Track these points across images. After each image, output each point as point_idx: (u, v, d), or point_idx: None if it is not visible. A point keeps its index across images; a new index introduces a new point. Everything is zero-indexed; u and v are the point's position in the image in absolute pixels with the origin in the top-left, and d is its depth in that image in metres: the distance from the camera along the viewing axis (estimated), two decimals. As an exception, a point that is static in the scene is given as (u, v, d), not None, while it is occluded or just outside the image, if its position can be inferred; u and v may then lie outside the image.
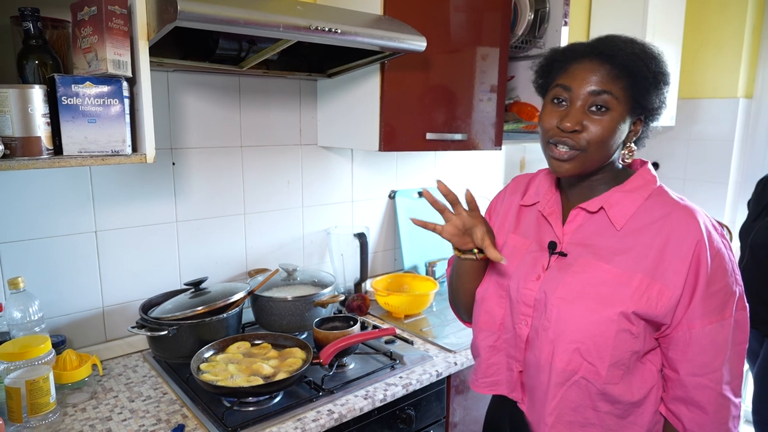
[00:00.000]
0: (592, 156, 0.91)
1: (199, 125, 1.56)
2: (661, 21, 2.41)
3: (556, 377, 0.93)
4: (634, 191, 0.94)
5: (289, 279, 1.60)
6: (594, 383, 0.91)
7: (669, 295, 0.87)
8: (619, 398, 0.91)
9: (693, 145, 2.89)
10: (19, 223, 1.30)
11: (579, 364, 0.91)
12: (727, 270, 0.88)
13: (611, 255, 0.91)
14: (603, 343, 0.89)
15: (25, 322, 1.21)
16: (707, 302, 0.87)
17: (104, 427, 1.14)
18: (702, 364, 0.88)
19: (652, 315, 0.88)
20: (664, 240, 0.88)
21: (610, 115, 0.88)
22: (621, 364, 0.90)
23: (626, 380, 0.91)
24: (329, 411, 1.20)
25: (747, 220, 2.04)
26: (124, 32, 1.06)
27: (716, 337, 0.87)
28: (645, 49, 0.91)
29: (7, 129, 0.99)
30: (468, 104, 1.73)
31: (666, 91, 0.92)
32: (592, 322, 0.89)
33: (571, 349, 0.91)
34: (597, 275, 0.91)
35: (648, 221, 0.91)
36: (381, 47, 1.32)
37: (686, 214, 0.89)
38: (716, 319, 0.87)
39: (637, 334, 0.89)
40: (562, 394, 0.93)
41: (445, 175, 2.26)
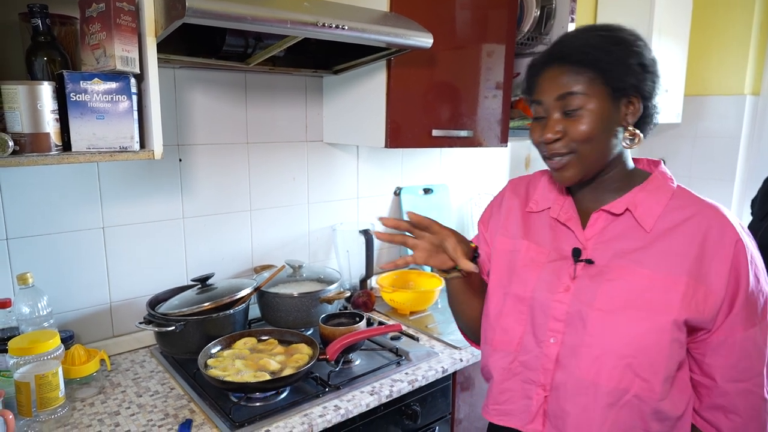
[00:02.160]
0: (586, 155, 0.87)
1: (206, 122, 1.57)
2: (667, 17, 2.40)
3: (604, 398, 0.84)
4: (658, 191, 0.89)
5: (295, 275, 1.61)
6: (647, 401, 0.83)
7: (714, 299, 0.82)
8: (668, 414, 0.85)
9: (699, 143, 2.87)
10: (28, 219, 1.31)
11: (631, 381, 0.83)
12: (761, 273, 0.86)
13: (647, 258, 0.85)
14: (657, 355, 0.82)
15: (34, 317, 1.22)
16: (749, 305, 0.83)
17: (112, 421, 1.14)
18: (746, 369, 0.85)
19: (701, 321, 0.83)
20: (701, 241, 0.84)
21: (584, 112, 0.85)
22: (669, 377, 0.84)
23: (671, 395, 0.85)
24: (336, 406, 1.21)
25: (754, 219, 2.02)
26: (132, 29, 1.07)
27: (758, 340, 0.84)
28: (600, 34, 0.87)
29: (16, 125, 1.00)
30: (474, 101, 1.73)
31: (638, 62, 0.85)
32: (642, 333, 0.83)
33: (621, 365, 0.83)
34: (638, 281, 0.85)
35: (678, 221, 0.86)
36: (388, 44, 1.32)
37: (717, 214, 0.85)
38: (757, 321, 0.84)
39: (683, 342, 0.85)
40: (613, 418, 0.84)
41: (450, 172, 2.26)
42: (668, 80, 2.51)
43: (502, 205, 1.07)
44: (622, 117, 0.87)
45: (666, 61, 2.47)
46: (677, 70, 2.59)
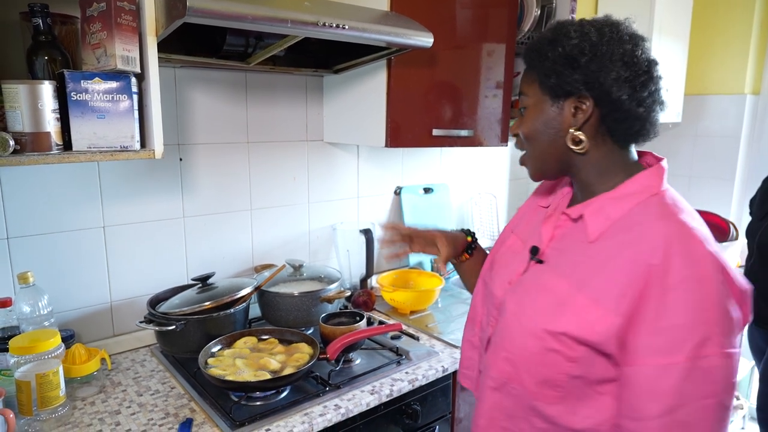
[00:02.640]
0: (533, 155, 0.91)
1: (206, 121, 1.57)
2: (668, 17, 2.40)
3: (490, 381, 0.92)
4: (623, 198, 0.83)
5: (295, 274, 1.61)
6: (522, 397, 0.87)
7: (609, 322, 0.76)
8: (555, 420, 0.84)
9: (699, 142, 2.87)
10: (29, 219, 1.31)
11: (510, 374, 0.88)
12: (691, 305, 0.73)
13: (569, 268, 0.84)
14: (528, 358, 0.85)
15: (34, 316, 1.22)
16: (651, 338, 0.74)
17: (113, 420, 1.15)
18: (635, 408, 0.76)
19: (586, 341, 0.78)
20: (622, 257, 0.78)
21: (529, 111, 0.89)
22: (555, 385, 0.82)
23: (569, 405, 0.83)
24: (336, 406, 1.21)
25: (753, 219, 2.02)
26: (132, 28, 1.07)
27: (657, 380, 0.74)
28: (543, 35, 0.87)
29: (17, 124, 1.00)
30: (474, 100, 1.73)
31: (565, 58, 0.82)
32: (521, 335, 0.86)
33: (503, 356, 0.89)
34: (549, 288, 0.85)
35: (618, 234, 0.81)
36: (388, 43, 1.32)
37: (657, 232, 0.77)
38: (661, 360, 0.73)
39: (574, 358, 0.80)
40: (495, 400, 0.91)
41: (450, 171, 2.26)
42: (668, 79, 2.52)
43: (525, 205, 1.10)
44: (566, 119, 0.84)
45: (666, 60, 2.47)
46: (677, 70, 2.59)
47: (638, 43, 0.83)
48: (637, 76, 0.81)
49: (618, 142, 0.86)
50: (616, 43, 0.81)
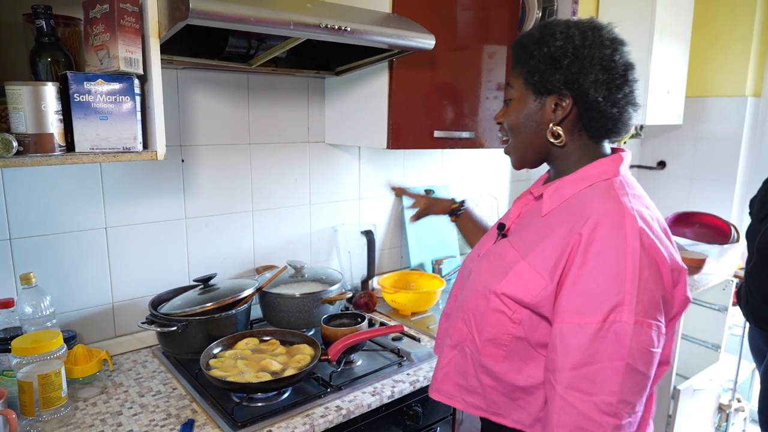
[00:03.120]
0: (515, 144, 0.99)
1: (208, 122, 1.57)
2: (669, 19, 2.41)
3: (449, 340, 1.02)
4: (578, 181, 0.92)
5: (296, 276, 1.61)
6: (473, 354, 0.97)
7: (542, 285, 0.86)
8: (500, 377, 0.94)
9: (700, 144, 2.88)
10: (31, 219, 1.31)
11: (464, 334, 0.98)
12: (610, 272, 0.80)
13: (522, 239, 0.95)
14: (479, 318, 0.95)
15: (36, 317, 1.22)
16: (569, 299, 0.83)
17: (115, 421, 1.15)
18: (552, 360, 0.85)
19: (523, 302, 0.88)
20: (560, 230, 0.87)
21: (512, 104, 0.97)
22: (500, 344, 0.92)
23: (513, 364, 0.92)
24: (337, 407, 1.21)
25: (753, 221, 2.02)
26: (135, 30, 1.07)
27: (569, 337, 0.82)
28: (531, 32, 0.94)
29: (20, 126, 1.00)
30: (475, 102, 1.73)
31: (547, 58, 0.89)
32: (474, 297, 0.96)
33: (460, 317, 0.99)
34: (503, 256, 0.96)
35: (565, 210, 0.90)
36: (390, 45, 1.32)
37: (594, 207, 0.86)
38: (576, 319, 0.82)
39: (516, 320, 0.90)
40: (452, 356, 1.01)
41: (451, 173, 2.27)
42: (669, 81, 2.52)
43: None
44: (547, 114, 0.93)
45: (667, 63, 2.48)
46: (678, 72, 2.59)
47: (617, 48, 0.90)
48: (613, 80, 0.89)
49: (592, 137, 0.94)
50: (597, 47, 0.88)
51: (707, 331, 2.52)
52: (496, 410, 0.97)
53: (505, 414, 0.96)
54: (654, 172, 3.08)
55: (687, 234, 2.60)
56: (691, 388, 2.31)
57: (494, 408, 0.97)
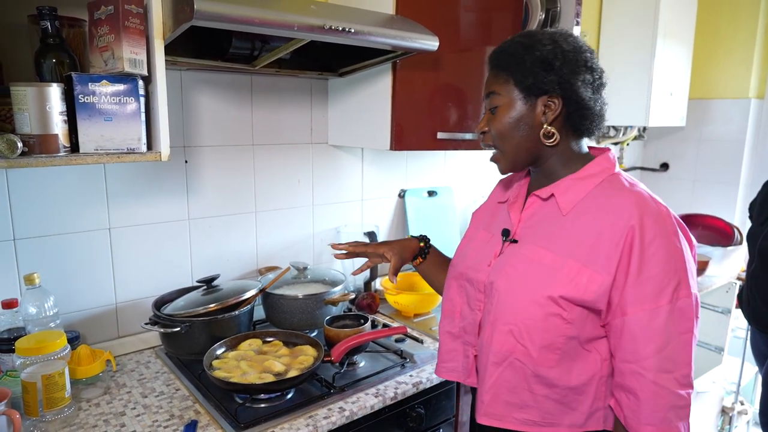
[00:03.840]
0: (506, 150, 1.00)
1: (212, 123, 1.57)
2: (672, 21, 2.41)
3: (492, 357, 0.98)
4: (587, 178, 0.97)
5: (299, 277, 1.61)
6: (526, 364, 0.94)
7: (600, 281, 0.89)
8: (555, 382, 0.94)
9: (703, 146, 2.87)
10: (35, 220, 1.32)
11: (513, 346, 0.95)
12: (664, 257, 0.87)
13: (551, 240, 0.95)
14: (533, 325, 0.93)
15: (40, 317, 1.23)
16: (638, 288, 0.87)
17: (118, 422, 1.15)
18: (633, 351, 0.88)
19: (582, 300, 0.90)
20: (601, 225, 0.91)
21: (501, 110, 0.98)
22: (555, 348, 0.93)
23: (564, 365, 0.94)
24: (340, 408, 1.21)
25: (754, 224, 2.02)
26: (140, 31, 1.07)
27: (648, 323, 0.87)
28: (519, 40, 0.97)
29: (25, 126, 1.01)
30: (479, 104, 1.73)
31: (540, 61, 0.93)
32: (523, 305, 0.94)
33: (505, 330, 0.96)
34: (536, 260, 0.95)
35: (591, 207, 0.94)
36: (394, 47, 1.32)
37: (626, 200, 0.91)
38: (648, 306, 0.87)
39: (570, 320, 0.91)
40: (498, 374, 0.98)
41: (454, 174, 2.27)
42: (672, 83, 2.52)
43: (489, 201, 1.22)
44: (538, 116, 0.96)
45: (670, 64, 2.48)
46: (682, 74, 2.59)
47: (592, 53, 0.97)
48: (595, 80, 0.96)
49: (578, 135, 1.00)
50: (580, 51, 0.95)
51: (710, 333, 2.51)
52: (550, 420, 0.97)
53: (559, 422, 0.96)
54: (657, 174, 3.07)
55: (690, 236, 2.59)
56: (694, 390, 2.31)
57: (549, 418, 0.96)
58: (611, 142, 2.76)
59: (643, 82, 2.39)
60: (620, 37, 2.47)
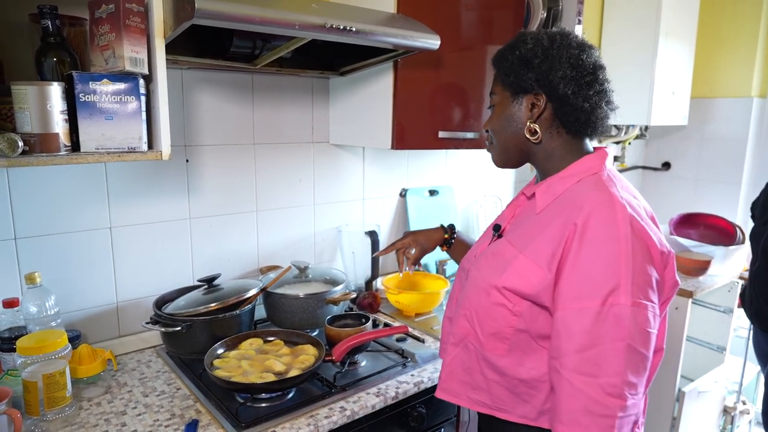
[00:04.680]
0: (498, 145, 1.05)
1: (213, 123, 1.57)
2: (674, 19, 2.40)
3: (452, 338, 1.06)
4: (567, 177, 0.98)
5: (300, 276, 1.61)
6: (477, 348, 1.00)
7: (541, 276, 0.90)
8: (505, 371, 0.97)
9: (705, 145, 2.86)
10: (36, 219, 1.31)
11: (467, 329, 1.01)
12: (605, 258, 0.85)
13: (518, 236, 0.99)
14: (481, 312, 0.98)
15: (41, 316, 1.23)
16: (570, 286, 0.87)
17: (119, 421, 1.15)
18: (556, 347, 0.89)
19: (525, 293, 0.92)
20: (554, 222, 0.93)
21: (496, 108, 1.04)
22: (503, 337, 0.96)
23: (516, 357, 0.96)
24: (342, 408, 1.20)
25: (757, 224, 2.01)
26: (141, 30, 1.07)
27: (573, 322, 0.86)
28: (512, 42, 1.01)
29: (26, 125, 1.00)
30: (480, 103, 1.73)
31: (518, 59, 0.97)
32: (476, 293, 1.00)
33: (462, 314, 1.02)
34: (500, 253, 1.00)
35: (558, 205, 0.96)
36: (395, 45, 1.32)
37: (585, 200, 0.91)
38: (577, 304, 0.86)
39: (517, 312, 0.94)
40: (455, 353, 1.04)
41: (456, 173, 2.26)
42: (674, 82, 2.51)
43: None
44: (525, 114, 1.00)
45: (672, 63, 2.47)
46: (684, 72, 2.58)
47: (585, 50, 0.97)
48: (582, 76, 0.95)
49: (570, 133, 1.00)
50: (565, 48, 0.96)
51: (712, 333, 2.51)
52: (500, 406, 1.00)
53: (510, 409, 1.00)
54: (658, 173, 3.07)
55: (692, 235, 2.58)
56: (696, 390, 2.30)
57: (499, 404, 1.00)
58: (612, 141, 2.75)
59: (645, 80, 2.38)
60: (622, 36, 2.46)
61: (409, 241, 1.38)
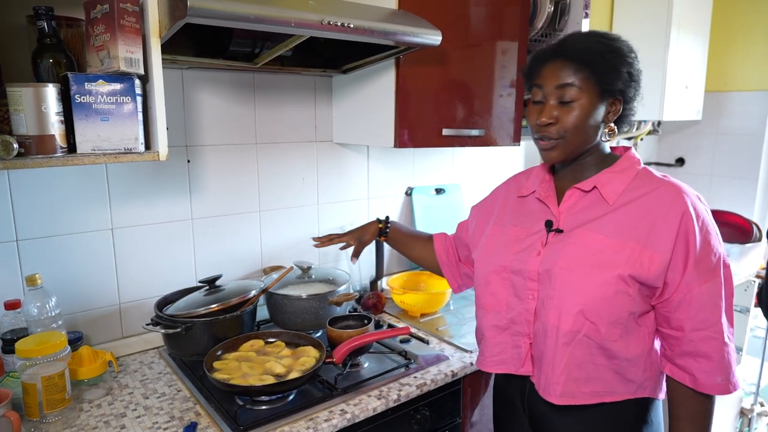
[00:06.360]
0: (572, 141, 1.04)
1: (214, 122, 1.56)
2: (687, 11, 2.34)
3: (563, 338, 1.04)
4: (623, 172, 1.07)
5: (303, 277, 1.59)
6: (594, 339, 1.02)
7: (659, 260, 0.99)
8: (616, 354, 1.03)
9: (720, 140, 2.79)
10: (38, 221, 1.32)
11: (582, 324, 1.02)
12: (712, 237, 1.01)
13: (604, 227, 1.03)
14: (603, 303, 1.00)
15: (42, 318, 1.22)
16: (700, 266, 0.99)
17: (118, 423, 1.14)
18: (704, 319, 0.99)
19: (645, 278, 0.99)
20: (652, 212, 1.01)
21: (578, 104, 1.02)
22: (619, 323, 1.01)
23: (624, 339, 1.03)
24: (342, 411, 1.19)
25: None
26: (136, 30, 1.06)
27: (712, 294, 0.99)
28: (600, 40, 1.03)
29: (21, 127, 1.00)
30: (485, 100, 1.70)
31: (627, 71, 1.03)
32: (593, 286, 1.01)
33: (575, 311, 1.02)
34: (592, 245, 1.03)
35: (636, 197, 1.03)
36: (395, 41, 1.29)
37: (671, 190, 1.02)
38: (710, 278, 0.99)
39: (633, 295, 1.01)
40: (569, 353, 1.04)
41: (463, 171, 2.23)
42: (687, 76, 2.45)
43: (498, 198, 1.29)
44: (605, 114, 1.05)
45: (685, 57, 2.41)
46: (697, 66, 2.51)
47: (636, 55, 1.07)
48: (638, 82, 1.06)
49: (617, 133, 1.10)
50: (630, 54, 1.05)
51: (728, 332, 2.45)
52: (609, 389, 1.05)
53: (616, 390, 1.06)
54: (672, 170, 3.00)
55: (707, 233, 2.52)
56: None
57: (608, 387, 1.05)
58: (624, 137, 2.70)
59: (656, 75, 2.32)
60: (632, 29, 2.40)
61: (347, 237, 1.51)
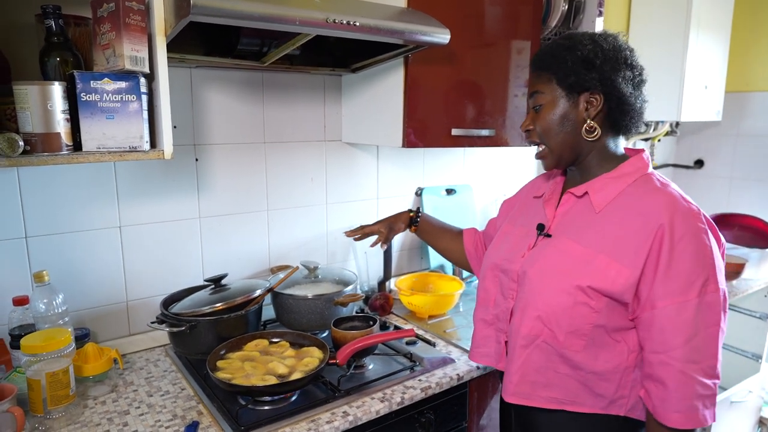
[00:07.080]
0: (553, 145, 1.05)
1: (223, 121, 1.56)
2: (706, 10, 2.28)
3: (521, 341, 1.05)
4: (621, 177, 1.03)
5: (310, 276, 1.59)
6: (553, 346, 1.02)
7: (627, 274, 0.95)
8: (580, 365, 1.01)
9: (741, 142, 2.72)
10: (46, 218, 1.33)
11: (540, 330, 1.02)
12: (693, 253, 0.93)
13: (584, 235, 1.02)
14: (561, 312, 1.00)
15: (49, 314, 1.23)
16: (668, 283, 0.93)
17: (121, 420, 1.15)
18: (662, 342, 0.94)
19: (609, 292, 0.96)
20: (631, 223, 0.96)
21: (543, 108, 1.05)
22: (581, 334, 0.99)
23: (591, 351, 1.00)
24: (344, 413, 1.18)
25: None
26: (141, 28, 1.06)
27: (677, 316, 0.93)
28: (560, 42, 1.04)
29: (27, 125, 1.01)
30: (495, 99, 1.67)
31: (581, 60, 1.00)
32: (552, 293, 1.01)
33: (533, 316, 1.03)
34: (568, 252, 1.02)
35: (622, 206, 1.00)
36: (401, 40, 1.28)
37: (656, 200, 0.97)
38: (678, 299, 0.93)
39: (597, 309, 0.98)
40: (526, 356, 1.05)
41: (474, 172, 2.21)
42: (707, 76, 2.39)
43: (521, 196, 1.29)
44: (580, 112, 1.02)
45: (705, 56, 2.35)
46: (717, 66, 2.45)
47: (632, 51, 1.04)
48: (635, 77, 1.02)
49: (618, 132, 1.06)
50: (619, 50, 1.02)
51: (747, 339, 2.38)
52: (573, 399, 1.04)
53: (582, 402, 1.04)
54: (691, 172, 2.94)
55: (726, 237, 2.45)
56: (728, 399, 2.19)
57: (571, 397, 1.04)
58: (641, 138, 2.64)
59: (675, 74, 2.27)
60: (650, 28, 2.35)
61: (378, 226, 1.51)
